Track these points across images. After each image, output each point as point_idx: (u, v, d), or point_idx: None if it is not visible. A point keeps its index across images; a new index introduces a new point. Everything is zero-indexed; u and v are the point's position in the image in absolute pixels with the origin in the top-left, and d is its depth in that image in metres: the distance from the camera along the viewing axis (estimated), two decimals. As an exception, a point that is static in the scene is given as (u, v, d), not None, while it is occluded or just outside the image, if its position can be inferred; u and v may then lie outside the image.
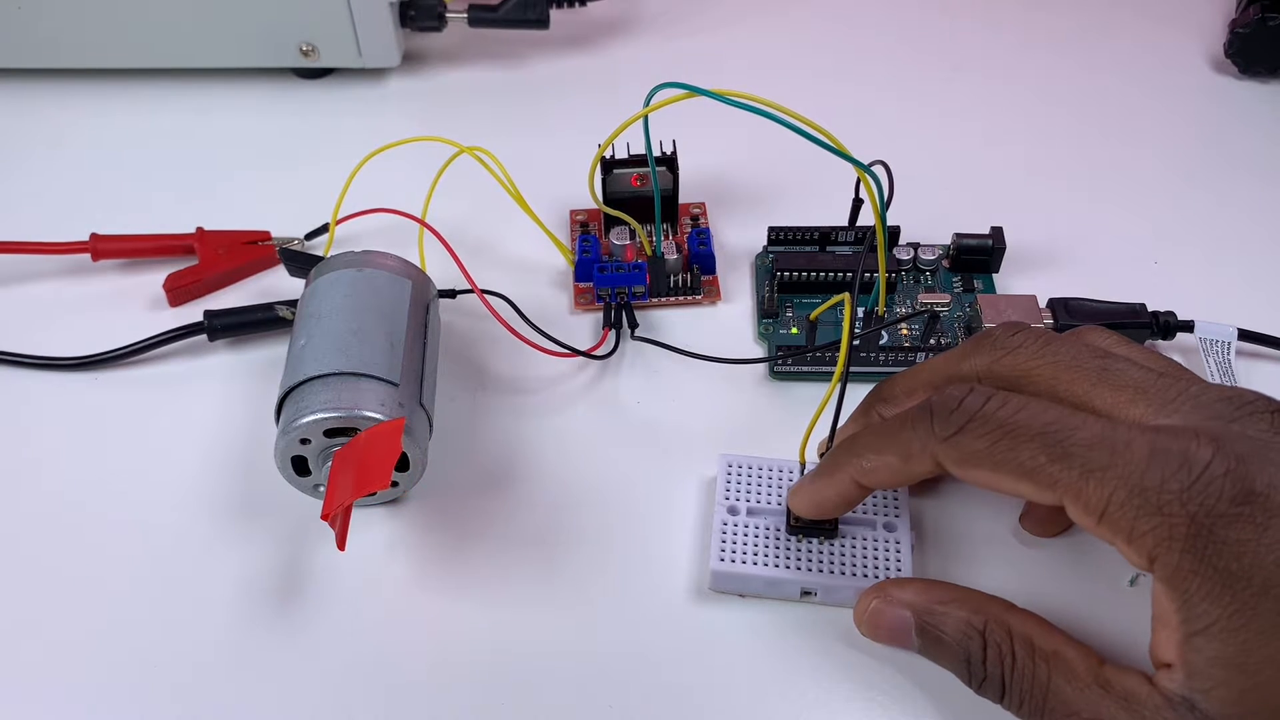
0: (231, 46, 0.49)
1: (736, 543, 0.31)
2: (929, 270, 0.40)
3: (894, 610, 0.29)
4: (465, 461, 0.35)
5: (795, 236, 0.41)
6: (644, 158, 0.39)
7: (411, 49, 0.52)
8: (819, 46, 0.52)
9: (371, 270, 0.35)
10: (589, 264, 0.40)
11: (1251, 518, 0.23)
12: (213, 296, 0.41)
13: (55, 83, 0.51)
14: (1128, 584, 0.31)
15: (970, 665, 0.27)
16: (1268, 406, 0.25)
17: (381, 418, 0.31)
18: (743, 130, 0.35)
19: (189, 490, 0.35)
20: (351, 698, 0.30)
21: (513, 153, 0.40)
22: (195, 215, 0.43)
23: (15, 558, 0.33)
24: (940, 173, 0.45)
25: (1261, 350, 0.37)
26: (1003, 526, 0.33)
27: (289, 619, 0.31)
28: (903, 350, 0.37)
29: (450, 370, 0.38)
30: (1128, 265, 0.41)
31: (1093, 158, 0.46)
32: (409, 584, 0.32)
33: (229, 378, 0.38)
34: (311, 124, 0.49)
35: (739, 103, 0.31)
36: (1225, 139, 0.47)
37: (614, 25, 0.54)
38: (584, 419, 0.36)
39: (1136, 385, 0.26)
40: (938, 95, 0.50)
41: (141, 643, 0.31)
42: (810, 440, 0.31)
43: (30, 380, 0.38)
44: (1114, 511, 0.24)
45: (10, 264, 0.42)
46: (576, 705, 0.29)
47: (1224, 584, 0.23)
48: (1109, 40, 0.52)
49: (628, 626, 0.31)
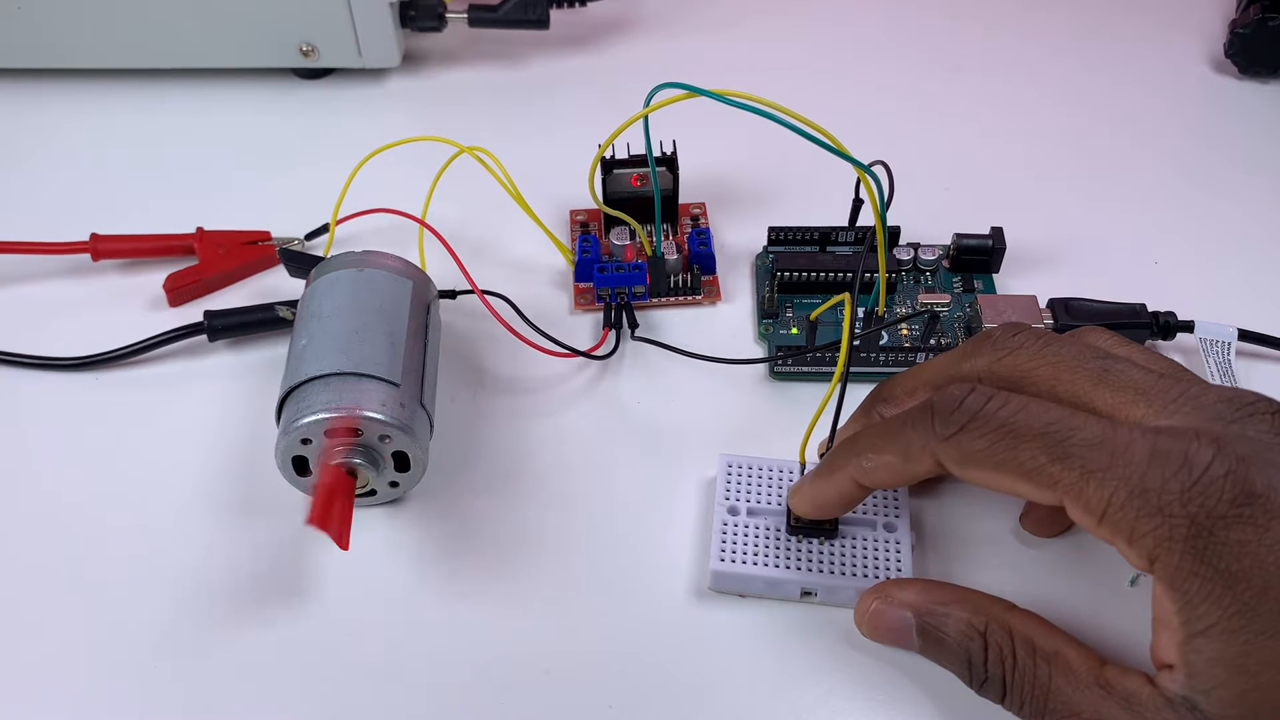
0: (231, 46, 0.49)
1: (736, 543, 0.31)
2: (929, 270, 0.40)
3: (895, 611, 0.29)
4: (465, 461, 0.35)
5: (795, 236, 0.41)
6: (644, 158, 0.39)
7: (411, 49, 0.52)
8: (819, 46, 0.52)
9: (372, 270, 0.35)
10: (589, 264, 0.40)
11: (1252, 519, 0.23)
12: (213, 296, 0.41)
13: (55, 83, 0.51)
14: (1128, 584, 0.31)
15: (971, 666, 0.27)
16: (1268, 408, 0.25)
17: (383, 418, 0.31)
18: (743, 130, 0.35)
19: (189, 490, 0.35)
20: (351, 698, 0.30)
21: (513, 153, 0.40)
22: (195, 215, 0.43)
23: (14, 558, 0.33)
24: (940, 173, 0.45)
25: (1261, 350, 0.37)
26: (1003, 526, 0.33)
27: (289, 619, 0.31)
28: (903, 350, 0.37)
29: (450, 370, 0.38)
30: (1128, 265, 0.41)
31: (1093, 158, 0.46)
32: (409, 584, 0.32)
33: (229, 378, 0.38)
34: (311, 124, 0.49)
35: (739, 103, 0.31)
36: (1225, 139, 0.47)
37: (614, 25, 0.54)
38: (584, 419, 0.36)
39: (1137, 386, 0.26)
40: (938, 95, 0.50)
41: (141, 643, 0.31)
42: (810, 440, 0.31)
43: (30, 380, 0.38)
44: (1114, 512, 0.24)
45: (10, 264, 0.42)
46: (576, 705, 0.29)
47: (1224, 585, 0.23)
48: (1109, 40, 0.52)
49: (628, 626, 0.31)
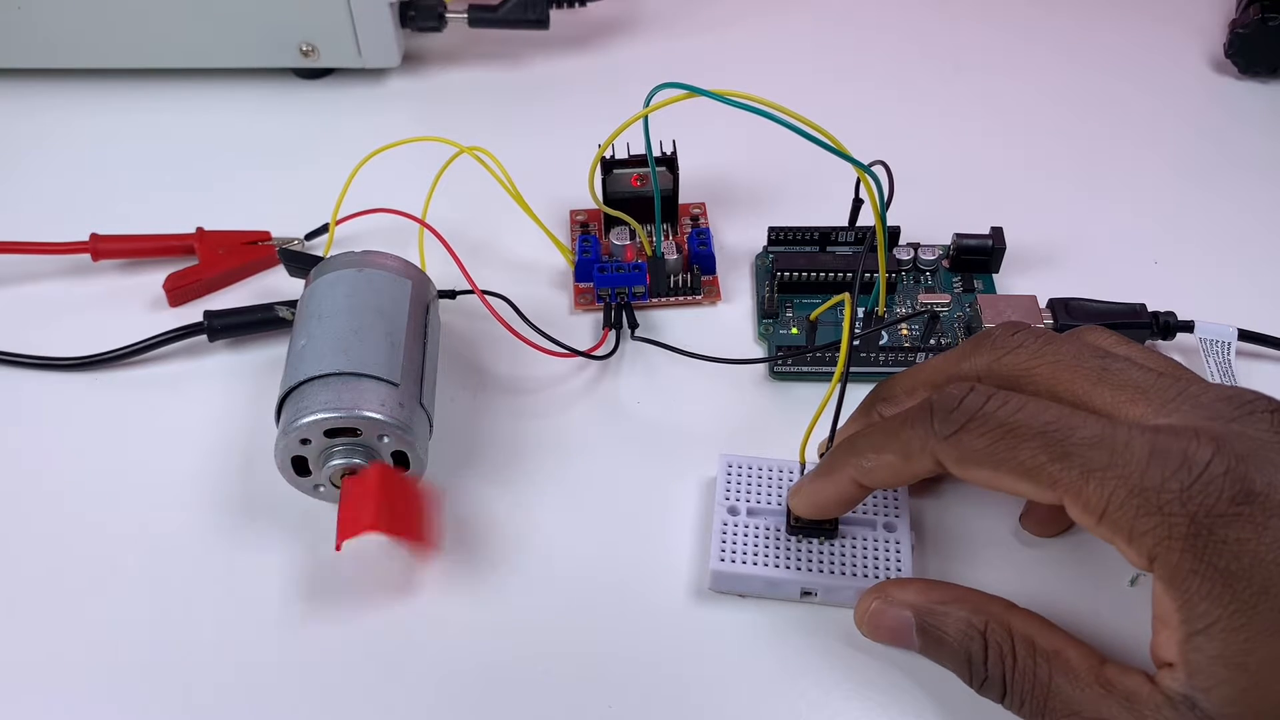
0: (231, 46, 0.49)
1: (736, 543, 0.31)
2: (929, 270, 0.40)
3: (895, 610, 0.29)
4: (465, 461, 0.35)
5: (795, 236, 0.41)
6: (644, 158, 0.39)
7: (411, 49, 0.52)
8: (819, 46, 0.52)
9: (371, 270, 0.35)
10: (589, 264, 0.40)
11: (1251, 517, 0.23)
12: (213, 296, 0.41)
13: (55, 83, 0.51)
14: (1128, 584, 0.31)
15: (971, 665, 0.27)
16: (1268, 406, 0.25)
17: (382, 418, 0.31)
18: (743, 130, 0.35)
19: (189, 490, 0.34)
20: (351, 698, 0.30)
21: (513, 153, 0.40)
22: (195, 215, 0.43)
23: (14, 558, 0.33)
24: (940, 173, 0.45)
25: (1261, 350, 0.37)
26: (1003, 526, 0.33)
27: (288, 619, 0.31)
28: (903, 350, 0.37)
29: (450, 370, 0.38)
30: (1128, 265, 0.41)
31: (1093, 157, 0.46)
32: (408, 584, 0.32)
33: (229, 378, 0.38)
34: (311, 124, 0.49)
35: (739, 103, 0.31)
36: (1225, 139, 0.47)
37: (614, 25, 0.54)
38: (584, 419, 0.36)
39: (1136, 385, 0.26)
40: (938, 95, 0.50)
41: (140, 643, 0.31)
42: (810, 440, 0.31)
43: (30, 380, 0.38)
44: (1114, 511, 0.24)
45: (10, 264, 0.42)
46: (576, 705, 0.29)
47: (1224, 583, 0.23)
48: (1109, 40, 0.52)
49: (628, 626, 0.31)
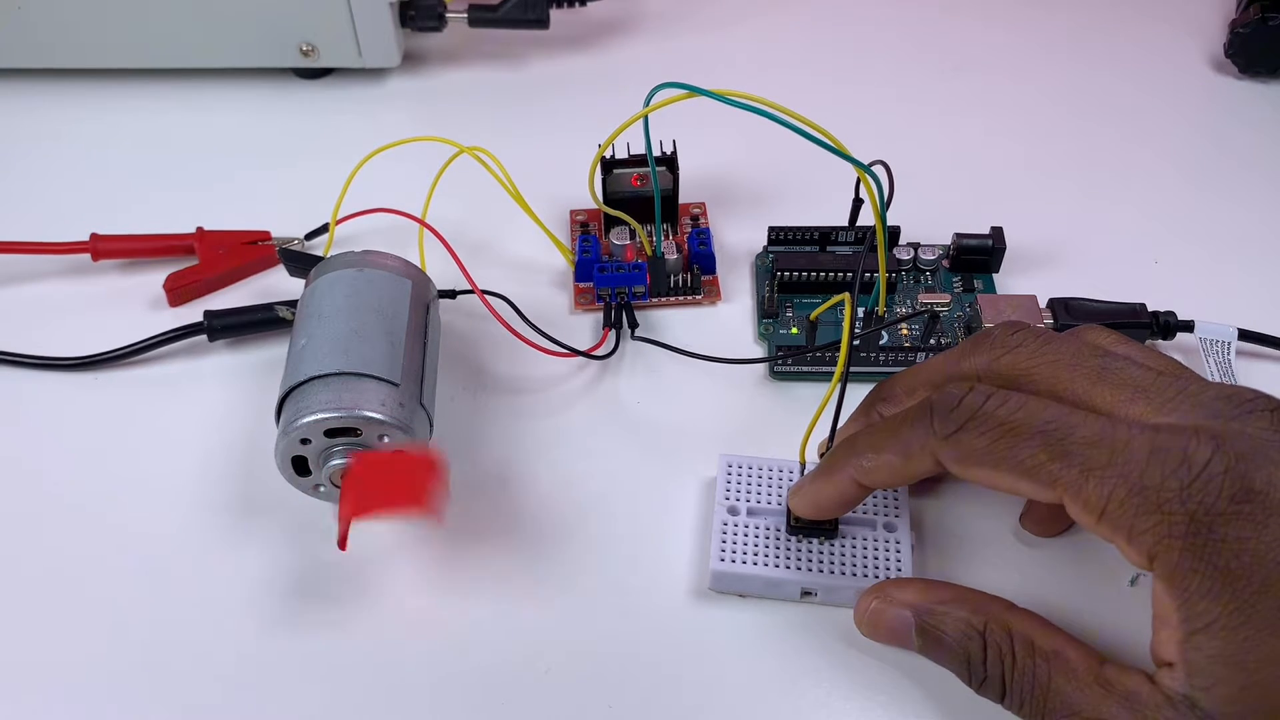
0: (231, 46, 0.49)
1: (736, 543, 0.31)
2: (929, 270, 0.40)
3: (894, 610, 0.29)
4: (465, 461, 0.35)
5: (795, 236, 0.41)
6: (644, 158, 0.39)
7: (411, 49, 0.52)
8: (819, 46, 0.52)
9: (372, 270, 0.35)
10: (589, 264, 0.40)
11: (1251, 516, 0.23)
12: (213, 296, 0.41)
13: (55, 83, 0.51)
14: (1128, 584, 0.31)
15: (970, 665, 0.27)
16: (1267, 405, 0.25)
17: (382, 418, 0.31)
18: (743, 130, 0.35)
19: (189, 491, 0.35)
20: (351, 698, 0.30)
21: (513, 153, 0.40)
22: (195, 215, 0.43)
23: (14, 558, 0.33)
24: (940, 173, 0.45)
25: (1261, 350, 0.37)
26: (1003, 526, 0.33)
27: (288, 619, 0.31)
28: (903, 350, 0.37)
29: (450, 370, 0.38)
30: (1128, 265, 0.41)
31: (1093, 157, 0.46)
32: (408, 584, 0.32)
33: (229, 378, 0.38)
34: (311, 124, 0.49)
35: (739, 103, 0.31)
36: (1225, 139, 0.47)
37: (614, 25, 0.54)
38: (584, 419, 0.36)
39: (1136, 384, 0.26)
40: (938, 95, 0.50)
41: (140, 643, 0.31)
42: (810, 440, 0.31)
43: (30, 380, 0.38)
44: (1114, 510, 0.24)
45: (10, 264, 0.42)
46: (576, 705, 0.29)
47: (1224, 582, 0.23)
48: (1109, 40, 0.52)
49: (628, 626, 0.31)
